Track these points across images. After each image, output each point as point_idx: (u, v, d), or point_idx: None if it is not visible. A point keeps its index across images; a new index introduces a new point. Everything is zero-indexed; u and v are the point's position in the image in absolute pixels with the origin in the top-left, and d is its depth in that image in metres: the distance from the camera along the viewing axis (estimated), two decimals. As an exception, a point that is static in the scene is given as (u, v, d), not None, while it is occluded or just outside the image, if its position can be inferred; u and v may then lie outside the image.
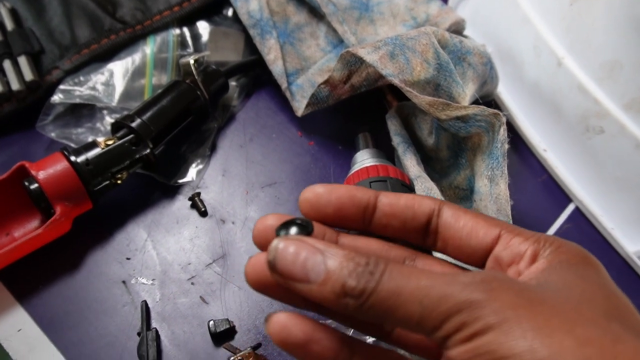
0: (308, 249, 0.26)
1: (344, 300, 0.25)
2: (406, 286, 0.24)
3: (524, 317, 0.22)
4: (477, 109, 0.45)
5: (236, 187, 0.53)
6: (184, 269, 0.48)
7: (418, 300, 0.23)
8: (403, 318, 0.24)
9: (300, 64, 0.58)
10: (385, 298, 0.24)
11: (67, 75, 0.54)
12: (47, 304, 0.46)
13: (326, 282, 0.25)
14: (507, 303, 0.23)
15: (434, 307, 0.23)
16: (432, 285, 0.24)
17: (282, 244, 0.26)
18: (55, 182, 0.45)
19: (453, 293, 0.23)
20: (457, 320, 0.23)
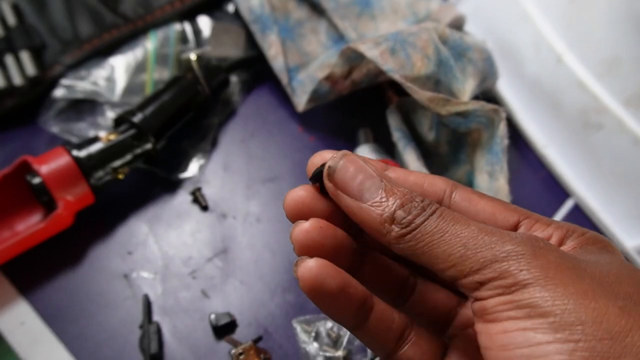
0: (370, 169, 0.26)
1: (388, 228, 0.25)
2: (453, 228, 0.24)
3: (569, 279, 0.22)
4: (477, 104, 0.45)
5: (237, 182, 0.53)
6: (185, 263, 0.48)
7: (462, 243, 0.24)
8: (441, 256, 0.24)
9: (301, 59, 0.58)
10: (431, 233, 0.24)
11: (69, 70, 0.54)
12: (50, 298, 0.46)
13: (377, 206, 0.25)
14: (553, 263, 0.23)
15: (477, 251, 0.23)
16: (479, 232, 0.24)
17: (348, 156, 0.26)
18: (57, 177, 0.46)
19: (500, 241, 0.23)
20: (500, 268, 0.23)
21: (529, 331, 0.22)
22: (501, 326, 0.23)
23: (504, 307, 0.22)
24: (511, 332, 0.22)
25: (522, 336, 0.22)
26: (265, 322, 0.46)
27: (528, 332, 0.22)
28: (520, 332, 0.22)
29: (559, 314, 0.21)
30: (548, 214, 0.54)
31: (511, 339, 0.22)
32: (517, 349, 0.22)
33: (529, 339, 0.22)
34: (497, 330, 0.23)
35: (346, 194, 0.26)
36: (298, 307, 0.46)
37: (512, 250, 0.23)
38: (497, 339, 0.23)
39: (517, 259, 0.23)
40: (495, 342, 0.23)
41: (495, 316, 0.23)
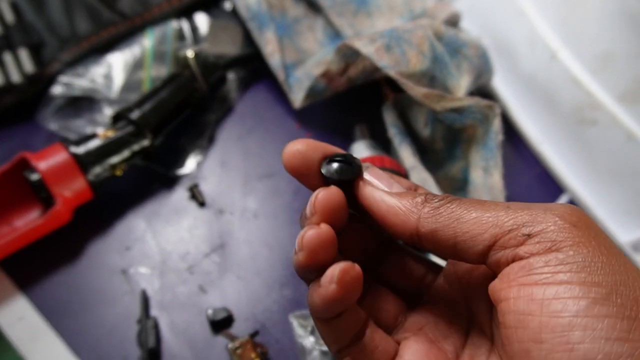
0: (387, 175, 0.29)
1: (420, 207, 0.26)
2: (483, 204, 0.26)
3: (604, 247, 0.23)
4: (471, 100, 0.46)
5: (234, 178, 0.53)
6: (182, 258, 0.49)
7: (497, 208, 0.25)
8: (474, 223, 0.25)
9: (298, 56, 0.58)
10: (463, 206, 0.26)
11: (67, 67, 0.55)
12: (49, 293, 0.47)
13: (407, 195, 0.28)
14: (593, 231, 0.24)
15: (518, 210, 0.25)
16: (512, 204, 0.26)
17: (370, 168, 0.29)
18: (55, 173, 0.46)
19: (542, 207, 0.25)
20: (547, 222, 0.24)
21: (587, 300, 0.22)
22: (554, 290, 0.22)
23: (556, 268, 0.23)
24: (567, 299, 0.22)
25: (579, 304, 0.22)
26: (262, 317, 0.46)
27: (584, 301, 0.22)
28: (577, 300, 0.22)
29: (597, 274, 0.22)
30: (543, 209, 0.54)
31: (567, 306, 0.22)
32: (574, 317, 0.22)
33: (588, 308, 0.22)
34: (548, 294, 0.22)
35: (379, 189, 0.28)
36: (295, 302, 0.47)
37: (554, 215, 0.24)
38: (546, 304, 0.22)
39: (558, 224, 0.24)
40: (544, 307, 0.22)
41: (543, 278, 0.23)
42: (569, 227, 0.24)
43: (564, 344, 0.22)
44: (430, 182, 0.45)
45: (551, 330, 0.22)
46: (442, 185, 0.51)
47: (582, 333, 0.21)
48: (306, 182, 0.29)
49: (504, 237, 0.24)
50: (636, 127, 0.47)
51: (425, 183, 0.45)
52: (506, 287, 0.24)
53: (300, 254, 0.26)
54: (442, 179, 0.51)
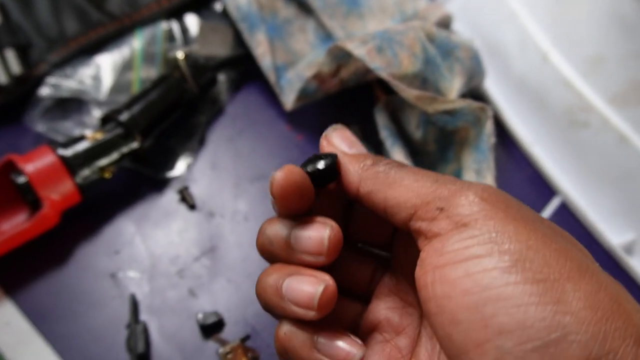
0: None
1: (365, 161, 0.28)
2: (421, 171, 0.28)
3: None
4: (463, 102, 0.46)
5: (225, 180, 0.53)
6: (172, 262, 0.48)
7: (432, 177, 0.27)
8: (408, 186, 0.26)
9: (289, 58, 0.58)
10: (401, 169, 0.28)
11: (55, 68, 0.54)
12: (36, 298, 0.46)
13: (363, 153, 0.30)
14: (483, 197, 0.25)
15: (445, 183, 0.26)
16: (443, 175, 0.27)
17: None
18: (43, 176, 0.45)
19: (459, 181, 0.26)
20: (464, 199, 0.24)
21: (496, 271, 0.22)
22: (464, 267, 0.22)
23: (464, 243, 0.23)
24: (476, 273, 0.22)
25: (489, 277, 0.22)
26: (253, 320, 0.46)
27: (494, 272, 0.22)
28: (486, 273, 0.22)
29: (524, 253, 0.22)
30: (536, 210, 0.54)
31: (476, 281, 0.22)
32: (484, 292, 0.22)
33: (496, 278, 0.21)
34: (460, 273, 0.22)
35: (337, 147, 0.31)
36: (286, 306, 0.46)
37: (473, 189, 0.25)
38: (458, 283, 0.22)
39: (475, 195, 0.24)
40: (457, 287, 0.22)
41: (453, 256, 0.23)
42: (479, 201, 0.24)
43: (478, 320, 0.21)
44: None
45: (465, 309, 0.22)
46: (434, 187, 0.51)
47: (494, 306, 0.21)
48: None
49: (422, 208, 0.25)
50: (628, 130, 0.47)
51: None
52: (424, 273, 0.24)
53: (311, 313, 0.27)
54: (434, 182, 0.51)
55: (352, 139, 0.31)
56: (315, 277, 0.27)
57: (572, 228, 0.53)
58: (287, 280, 0.28)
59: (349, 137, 0.31)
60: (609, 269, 0.51)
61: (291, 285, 0.27)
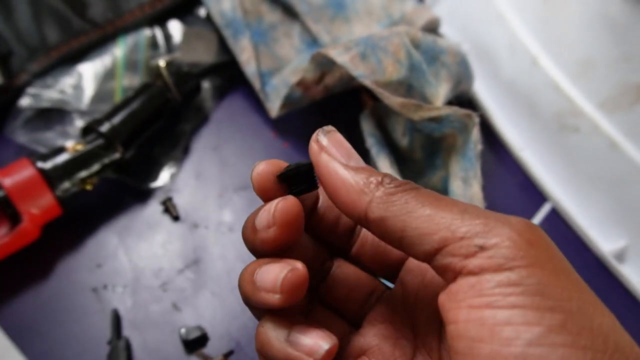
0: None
1: (374, 189, 0.25)
2: (442, 200, 0.25)
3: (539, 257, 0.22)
4: (449, 109, 0.45)
5: (209, 190, 0.52)
6: (156, 275, 0.47)
7: (455, 210, 0.24)
8: (427, 220, 0.24)
9: (275, 64, 0.57)
10: (418, 198, 0.24)
11: (36, 78, 0.53)
12: (16, 313, 0.45)
13: (364, 170, 0.26)
14: (525, 239, 0.23)
15: (473, 218, 0.23)
16: (471, 206, 0.24)
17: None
18: (21, 189, 0.45)
19: (496, 218, 0.24)
20: (503, 234, 0.22)
21: (543, 328, 0.20)
22: (506, 314, 0.21)
23: (508, 289, 0.21)
24: (519, 325, 0.21)
25: (533, 332, 0.20)
26: (237, 335, 0.45)
27: (539, 328, 0.20)
28: (531, 327, 0.20)
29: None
30: (526, 216, 0.52)
31: (519, 333, 0.20)
32: (527, 347, 0.20)
33: (543, 336, 0.20)
34: (500, 319, 0.21)
35: (335, 159, 0.26)
36: (271, 319, 0.46)
37: (513, 226, 0.22)
38: (497, 330, 0.21)
39: (519, 235, 0.22)
40: (495, 334, 0.21)
41: (494, 300, 0.21)
42: (525, 244, 0.22)
43: None
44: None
45: (503, 358, 0.21)
46: (421, 195, 0.50)
47: None
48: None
49: (455, 243, 0.23)
50: (618, 135, 0.46)
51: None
52: (455, 308, 0.22)
53: (276, 296, 0.26)
54: (421, 189, 0.50)
55: (347, 147, 0.27)
56: (285, 262, 0.26)
57: (562, 234, 0.52)
58: (260, 268, 0.27)
59: (344, 145, 0.27)
60: (600, 276, 0.51)
61: (262, 271, 0.26)
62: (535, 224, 0.24)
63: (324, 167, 0.26)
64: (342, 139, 0.27)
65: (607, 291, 0.49)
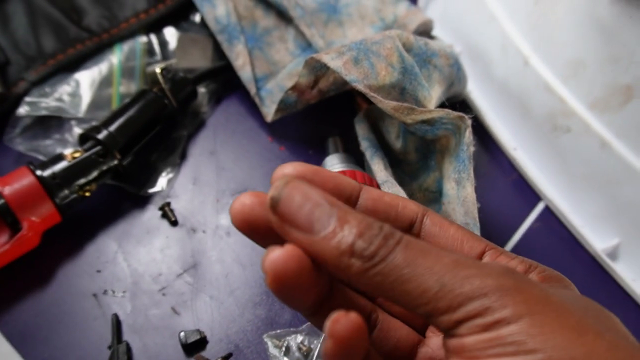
0: (318, 197, 0.23)
1: (348, 261, 0.22)
2: (424, 261, 0.22)
3: (554, 313, 0.21)
4: (442, 112, 0.45)
5: (207, 195, 0.52)
6: (155, 280, 0.48)
7: (437, 278, 0.21)
8: (414, 292, 0.22)
9: (269, 68, 0.57)
10: (399, 267, 0.22)
11: (34, 86, 0.54)
12: (18, 320, 0.46)
13: (332, 237, 0.22)
14: (536, 297, 0.21)
15: (455, 287, 0.21)
16: (455, 264, 0.22)
17: (291, 183, 0.23)
18: (21, 197, 0.45)
19: (480, 275, 0.21)
20: (481, 304, 0.21)
21: None
22: None
23: (486, 344, 0.21)
24: None
25: None
26: (235, 337, 0.46)
27: None
28: None
29: (549, 350, 0.20)
30: (519, 217, 0.54)
31: None
32: None
33: None
34: None
35: (295, 228, 0.23)
36: (268, 322, 0.46)
37: (494, 285, 0.21)
38: None
39: (500, 294, 0.21)
40: None
41: (476, 354, 0.21)
42: (510, 299, 0.21)
43: None
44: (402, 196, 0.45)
45: None
46: (416, 198, 0.50)
47: None
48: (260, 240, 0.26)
49: (439, 317, 0.22)
50: (609, 135, 0.46)
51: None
52: None
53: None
54: (416, 191, 0.51)
55: (310, 201, 0.23)
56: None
57: (556, 234, 0.53)
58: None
59: (300, 202, 0.23)
60: (594, 274, 0.51)
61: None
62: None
63: (292, 239, 0.23)
64: (297, 197, 0.23)
65: (601, 289, 0.50)
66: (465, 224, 0.44)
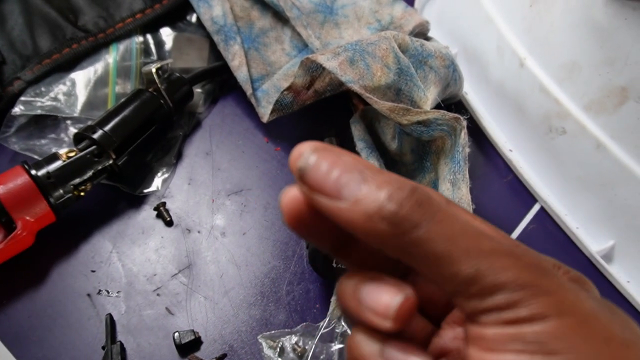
0: (346, 162, 0.22)
1: (377, 226, 0.21)
2: (463, 240, 0.21)
3: (582, 317, 0.21)
4: (437, 113, 0.45)
5: (202, 195, 0.52)
6: (149, 280, 0.48)
7: (475, 261, 0.21)
8: (445, 270, 0.21)
9: (266, 69, 0.57)
10: (433, 240, 0.21)
11: (29, 86, 0.54)
12: (11, 320, 0.46)
13: (359, 202, 0.21)
14: (568, 299, 0.21)
15: (490, 273, 0.20)
16: (493, 250, 0.21)
17: (318, 152, 0.23)
18: (15, 197, 0.45)
19: (515, 267, 0.21)
20: (511, 297, 0.20)
21: None
22: (502, 357, 0.20)
23: (508, 338, 0.20)
24: None
25: None
26: (230, 338, 0.45)
27: None
28: None
29: (571, 355, 0.20)
30: (514, 218, 0.54)
31: None
32: None
33: None
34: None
35: (324, 195, 0.22)
36: (263, 322, 0.46)
37: (529, 280, 0.21)
38: None
39: (533, 291, 0.20)
40: None
41: (495, 345, 0.21)
42: (543, 298, 0.21)
43: None
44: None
45: None
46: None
47: None
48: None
49: (467, 301, 0.21)
50: (604, 137, 0.46)
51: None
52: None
53: (387, 323, 0.23)
54: (411, 192, 0.51)
55: (338, 163, 0.23)
56: (396, 287, 0.23)
57: (551, 235, 0.53)
58: (365, 286, 0.24)
59: (334, 163, 0.23)
60: (589, 276, 0.51)
61: (369, 291, 0.24)
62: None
63: (322, 209, 0.23)
64: (324, 165, 0.22)
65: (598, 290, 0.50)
66: (460, 225, 0.44)
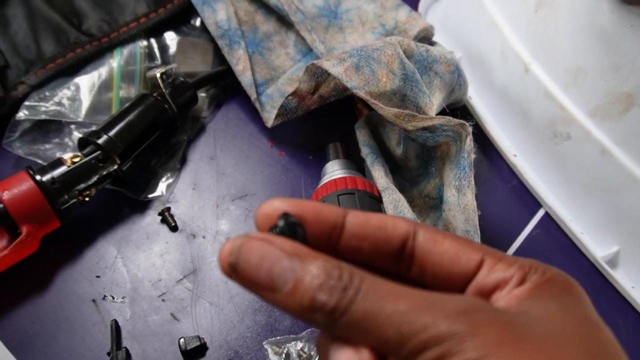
0: (274, 252, 0.23)
1: (314, 316, 0.22)
2: (382, 309, 0.22)
3: (508, 354, 0.21)
4: (442, 119, 0.45)
5: (207, 200, 0.52)
6: (154, 285, 0.48)
7: (396, 327, 0.22)
8: (378, 341, 0.22)
9: (270, 73, 0.57)
10: (359, 320, 0.22)
11: (33, 90, 0.54)
12: (16, 326, 0.46)
13: (293, 294, 0.22)
14: (490, 338, 0.21)
15: (412, 336, 0.22)
16: (411, 311, 0.22)
17: (246, 245, 0.23)
18: (20, 202, 0.45)
19: (434, 322, 0.22)
20: (436, 352, 0.21)
21: None
22: None
23: None
24: None
25: None
26: (235, 344, 0.45)
27: None
28: None
29: None
30: (519, 224, 0.54)
31: None
32: None
33: None
34: None
35: (258, 288, 0.23)
36: (268, 328, 0.46)
37: (448, 332, 0.21)
38: None
39: (454, 341, 0.21)
40: None
41: None
42: (469, 344, 0.21)
43: None
44: (403, 204, 0.45)
45: None
46: (417, 204, 0.50)
47: None
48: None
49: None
50: (609, 143, 0.46)
51: (398, 205, 0.44)
52: None
53: None
54: (417, 198, 0.51)
55: (267, 256, 0.23)
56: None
57: (556, 241, 0.53)
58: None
59: (262, 255, 0.23)
60: (594, 281, 0.51)
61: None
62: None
63: (261, 298, 0.23)
64: (253, 258, 0.23)
65: (601, 296, 0.50)
66: (466, 232, 0.44)
